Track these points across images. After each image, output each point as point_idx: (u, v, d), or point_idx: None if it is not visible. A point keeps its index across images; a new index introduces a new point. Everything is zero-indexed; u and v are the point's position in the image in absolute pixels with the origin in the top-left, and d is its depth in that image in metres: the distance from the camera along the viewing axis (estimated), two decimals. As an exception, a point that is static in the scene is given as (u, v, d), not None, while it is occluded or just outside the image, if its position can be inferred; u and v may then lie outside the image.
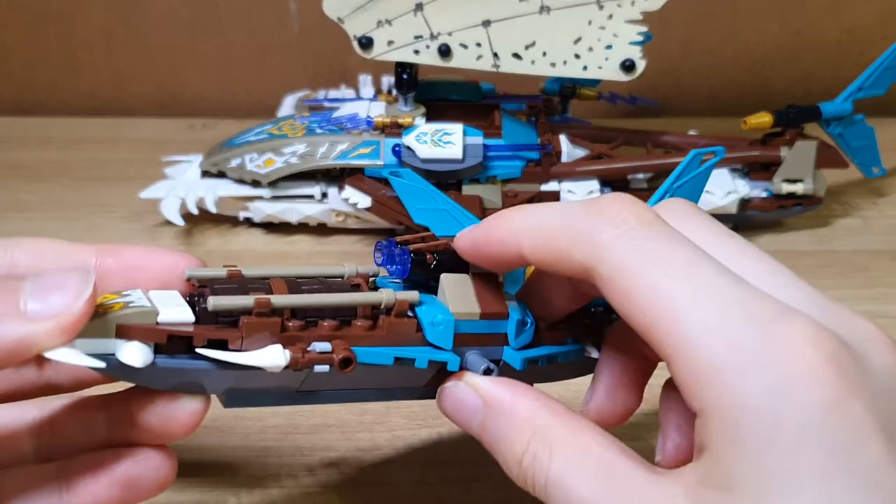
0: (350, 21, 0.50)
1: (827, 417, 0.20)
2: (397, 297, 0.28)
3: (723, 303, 0.22)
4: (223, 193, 0.55)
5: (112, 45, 0.75)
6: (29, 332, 0.22)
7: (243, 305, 0.26)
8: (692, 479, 0.22)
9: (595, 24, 0.49)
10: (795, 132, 0.55)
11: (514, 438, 0.25)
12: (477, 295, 0.29)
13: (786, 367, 0.21)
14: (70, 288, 0.23)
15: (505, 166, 0.53)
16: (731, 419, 0.21)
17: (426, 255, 0.29)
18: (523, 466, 0.25)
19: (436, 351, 0.29)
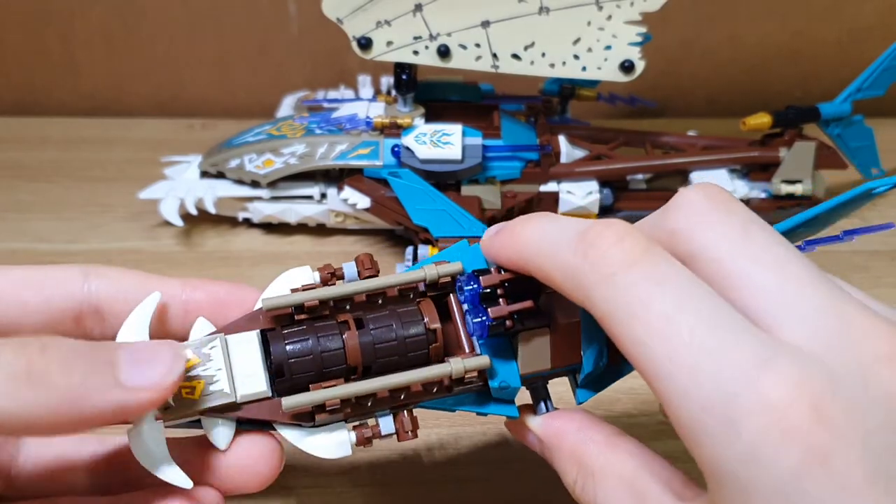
0: (349, 22, 0.50)
1: (801, 479, 0.19)
2: (466, 367, 0.28)
3: (698, 362, 0.21)
4: (222, 194, 0.55)
5: (111, 46, 0.75)
6: (125, 400, 0.24)
7: (317, 401, 0.27)
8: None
9: (594, 24, 0.50)
10: (794, 133, 0.55)
11: (566, 470, 0.28)
12: (553, 349, 0.29)
13: (758, 430, 0.20)
14: (162, 362, 0.25)
15: (504, 167, 0.53)
16: (714, 482, 0.21)
17: (506, 321, 0.28)
18: (577, 495, 0.27)
19: (502, 406, 0.30)
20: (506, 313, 0.28)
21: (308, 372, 0.27)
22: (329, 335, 0.28)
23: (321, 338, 0.28)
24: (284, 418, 0.27)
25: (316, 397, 0.27)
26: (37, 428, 0.23)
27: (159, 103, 0.77)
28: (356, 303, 0.29)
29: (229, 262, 0.54)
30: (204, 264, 0.54)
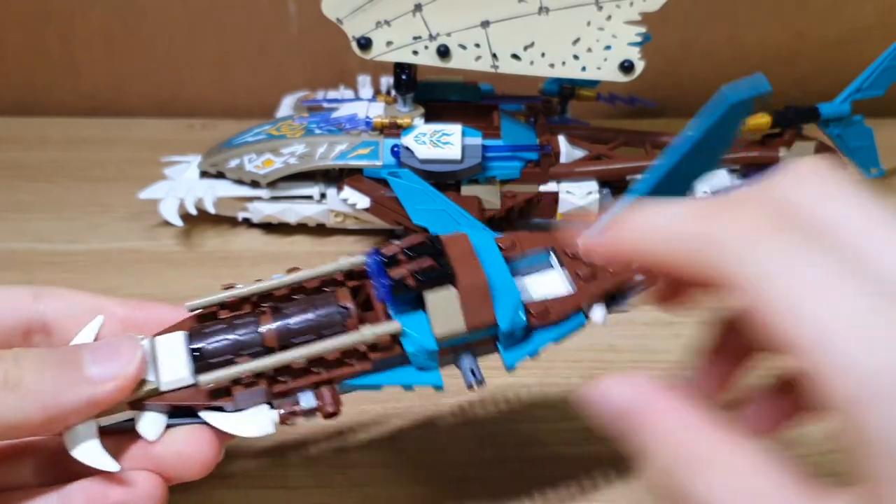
0: (349, 22, 0.50)
1: None
2: (378, 334, 0.29)
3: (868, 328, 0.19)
4: (222, 194, 0.55)
5: (111, 46, 0.76)
6: (94, 393, 0.27)
7: (231, 375, 0.28)
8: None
9: (594, 24, 0.50)
10: (794, 133, 0.55)
11: (658, 451, 0.24)
12: (464, 308, 0.29)
13: None
14: (123, 354, 0.27)
15: (504, 167, 0.53)
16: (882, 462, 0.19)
17: (405, 279, 0.29)
18: (662, 479, 0.23)
19: (423, 374, 0.30)
20: (405, 272, 0.29)
21: (227, 355, 0.29)
22: (246, 323, 0.29)
23: (238, 326, 0.29)
24: (206, 401, 0.29)
25: (230, 372, 0.28)
26: (19, 430, 0.26)
27: (159, 103, 0.78)
28: (277, 297, 0.31)
29: (229, 262, 0.54)
30: (204, 264, 0.54)
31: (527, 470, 0.38)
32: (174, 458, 0.29)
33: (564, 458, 0.38)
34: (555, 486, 0.37)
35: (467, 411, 0.41)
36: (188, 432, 0.29)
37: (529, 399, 0.31)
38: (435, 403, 0.41)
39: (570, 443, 0.39)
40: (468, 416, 0.41)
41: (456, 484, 0.37)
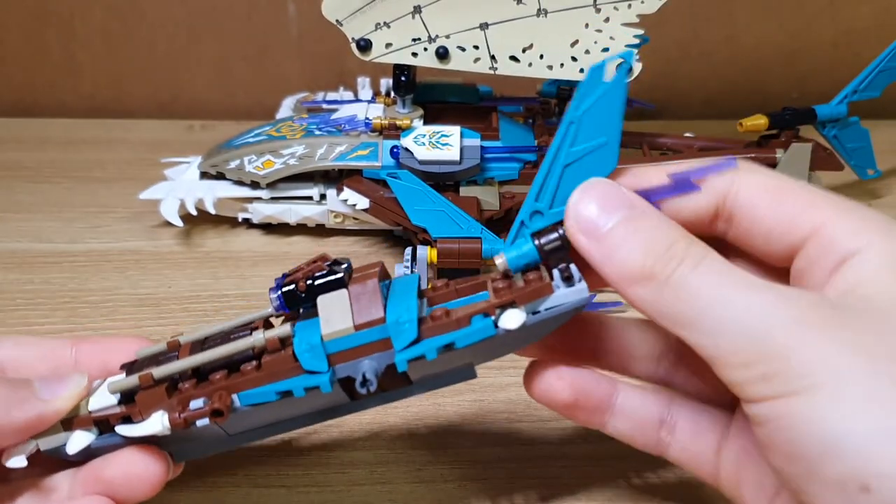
0: (348, 23, 0.50)
1: None
2: (266, 337, 0.30)
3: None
4: (222, 194, 0.55)
5: (111, 47, 0.76)
6: (43, 409, 0.30)
7: (133, 385, 0.30)
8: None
9: (592, 26, 0.50)
10: (791, 134, 0.55)
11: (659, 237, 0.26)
12: (353, 308, 0.29)
13: None
14: (70, 384, 0.31)
15: (502, 168, 0.53)
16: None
17: (298, 284, 0.30)
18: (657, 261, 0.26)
19: (310, 377, 0.30)
20: (298, 278, 0.30)
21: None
22: (170, 357, 0.32)
23: (162, 360, 0.31)
24: (119, 419, 0.31)
25: (134, 379, 0.30)
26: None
27: (159, 104, 0.78)
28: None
29: (229, 262, 0.54)
30: (204, 265, 0.54)
31: (527, 470, 0.38)
32: (123, 479, 0.31)
33: (564, 457, 0.38)
34: (555, 486, 0.37)
35: (467, 412, 0.41)
36: (134, 453, 0.31)
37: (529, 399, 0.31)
38: (434, 404, 0.42)
39: (569, 442, 0.39)
40: (467, 416, 0.41)
41: (455, 484, 0.37)
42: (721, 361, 0.24)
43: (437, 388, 0.32)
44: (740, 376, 0.24)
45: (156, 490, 0.31)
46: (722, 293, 0.25)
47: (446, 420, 0.41)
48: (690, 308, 0.25)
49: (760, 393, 0.24)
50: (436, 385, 0.32)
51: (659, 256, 0.26)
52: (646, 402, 0.31)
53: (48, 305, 0.49)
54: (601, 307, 0.46)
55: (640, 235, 0.26)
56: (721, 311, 0.24)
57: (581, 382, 0.30)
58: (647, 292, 0.26)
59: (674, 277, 0.25)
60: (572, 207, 0.28)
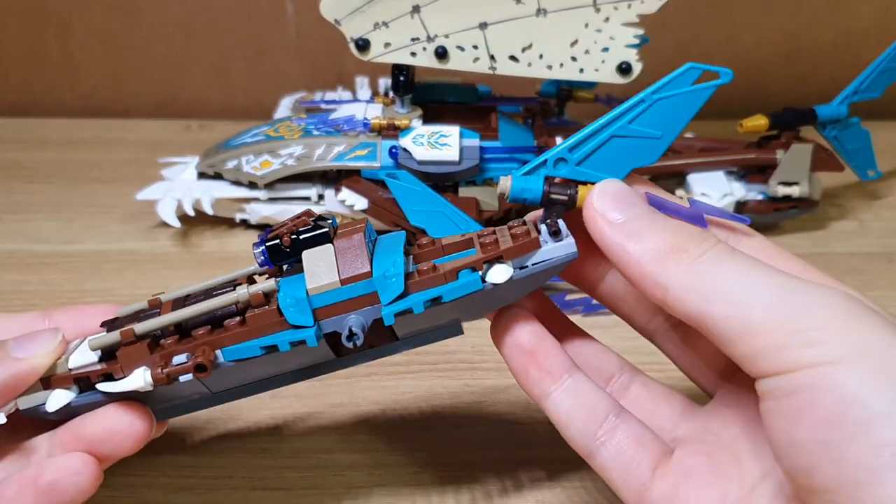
0: (347, 23, 0.50)
1: None
2: (250, 292, 0.29)
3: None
4: (220, 195, 0.55)
5: (109, 47, 0.76)
6: (18, 369, 0.30)
7: (114, 341, 0.30)
8: None
9: (591, 26, 0.50)
10: (791, 135, 0.55)
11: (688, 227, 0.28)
12: (339, 263, 0.29)
13: None
14: (43, 338, 0.31)
15: (502, 168, 0.53)
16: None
17: (282, 238, 0.30)
18: (690, 241, 0.27)
19: (295, 331, 0.29)
20: (282, 232, 0.30)
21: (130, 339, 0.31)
22: (151, 314, 0.31)
23: (143, 317, 0.31)
24: (100, 376, 0.31)
25: (115, 335, 0.30)
26: None
27: (157, 104, 0.78)
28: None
29: (227, 262, 0.54)
30: (201, 265, 0.54)
31: (526, 472, 0.38)
32: (105, 436, 0.30)
33: (563, 460, 0.38)
34: (554, 487, 0.37)
35: (466, 414, 0.41)
36: (115, 409, 0.30)
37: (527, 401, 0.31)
38: (433, 406, 0.41)
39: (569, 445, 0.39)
40: (466, 417, 0.41)
41: (454, 485, 0.37)
42: (750, 331, 0.25)
43: (423, 345, 0.31)
44: (774, 343, 0.24)
45: (139, 445, 0.30)
46: (756, 271, 0.26)
47: (445, 422, 0.40)
48: (724, 281, 0.26)
49: (798, 360, 0.24)
50: (422, 342, 0.31)
51: (691, 237, 0.27)
52: (598, 394, 0.30)
53: (46, 306, 0.49)
54: (573, 305, 0.46)
55: (667, 223, 0.28)
56: (755, 286, 0.25)
57: (547, 340, 0.30)
58: (678, 266, 0.26)
59: (707, 254, 0.26)
60: (596, 195, 0.28)
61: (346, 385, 0.43)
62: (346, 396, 0.42)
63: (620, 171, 0.30)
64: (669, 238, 0.27)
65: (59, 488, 0.28)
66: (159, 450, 0.38)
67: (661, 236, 0.27)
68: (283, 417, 0.41)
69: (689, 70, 0.28)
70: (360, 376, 0.43)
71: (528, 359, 0.30)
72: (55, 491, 0.28)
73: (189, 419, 0.40)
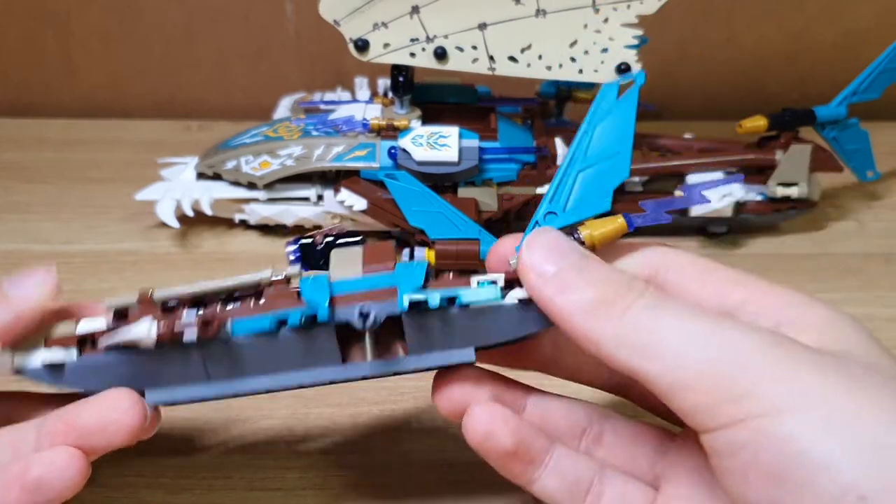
0: (346, 23, 0.50)
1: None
2: (274, 274, 0.30)
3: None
4: (219, 195, 0.55)
5: (108, 47, 0.75)
6: (16, 308, 0.29)
7: (129, 302, 0.30)
8: None
9: (591, 27, 0.50)
10: (790, 136, 0.55)
11: (616, 275, 0.27)
12: (365, 261, 0.30)
13: None
14: (38, 275, 0.30)
15: (501, 169, 0.53)
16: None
17: (315, 238, 0.30)
18: (616, 292, 0.26)
19: (308, 308, 0.29)
20: (317, 234, 0.31)
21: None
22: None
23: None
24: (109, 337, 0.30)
25: (132, 297, 0.30)
26: None
27: (156, 104, 0.78)
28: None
29: (226, 263, 0.54)
30: (200, 266, 0.54)
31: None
32: (97, 426, 0.29)
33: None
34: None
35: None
36: (108, 400, 0.29)
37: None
38: (433, 406, 0.41)
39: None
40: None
41: (454, 486, 0.37)
42: (684, 388, 0.24)
43: (431, 367, 0.31)
44: (708, 400, 0.24)
45: (130, 439, 0.29)
46: (684, 321, 0.25)
47: (445, 422, 0.40)
48: (652, 336, 0.25)
49: (733, 415, 0.23)
50: (431, 361, 0.30)
51: (618, 288, 0.26)
52: (578, 463, 0.30)
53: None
54: None
55: (596, 272, 0.27)
56: (686, 338, 0.25)
57: (524, 431, 0.29)
58: (607, 321, 0.26)
59: (636, 306, 0.26)
60: (526, 247, 0.28)
61: (346, 385, 0.43)
62: (346, 397, 0.42)
63: (605, 195, 0.31)
64: (597, 291, 0.26)
65: (45, 485, 0.28)
66: (158, 451, 0.38)
67: (589, 289, 0.27)
68: (282, 418, 0.41)
69: (606, 88, 0.29)
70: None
71: (508, 459, 0.30)
72: (41, 488, 0.28)
73: (188, 420, 0.40)
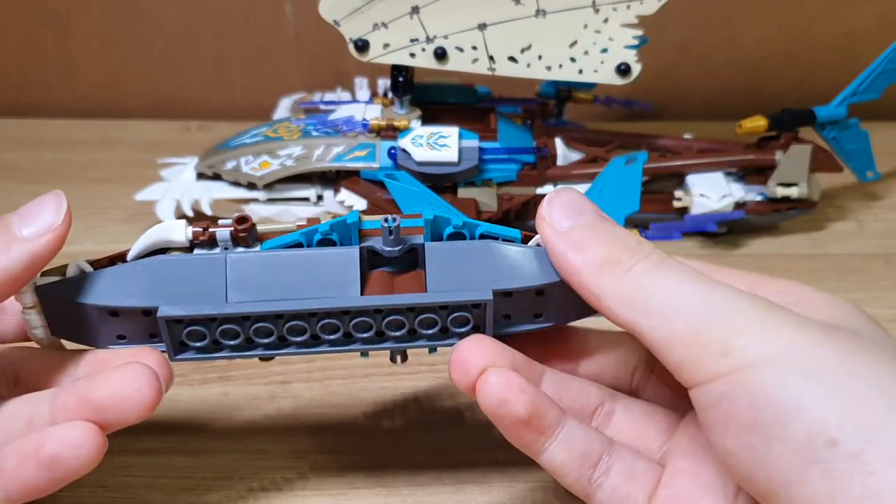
0: (346, 24, 0.50)
1: None
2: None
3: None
4: (218, 196, 0.55)
5: (108, 47, 0.75)
6: (31, 249, 0.28)
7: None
8: None
9: (591, 27, 0.50)
10: (790, 136, 0.55)
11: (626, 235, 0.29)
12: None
13: None
14: (49, 207, 0.29)
15: (500, 169, 0.53)
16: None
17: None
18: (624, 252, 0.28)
19: (337, 218, 0.31)
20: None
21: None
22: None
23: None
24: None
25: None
26: None
27: (156, 105, 0.77)
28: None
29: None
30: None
31: (525, 474, 0.38)
32: (113, 401, 0.28)
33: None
34: (554, 490, 0.37)
35: (466, 415, 0.41)
36: (125, 374, 0.29)
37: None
38: (433, 406, 0.41)
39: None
40: (465, 418, 0.41)
41: (454, 488, 0.37)
42: (673, 342, 0.26)
43: (448, 303, 0.30)
44: (694, 354, 0.25)
45: (147, 413, 0.28)
46: (680, 283, 0.27)
47: (444, 424, 0.40)
48: (649, 294, 0.27)
49: (715, 369, 0.25)
50: (448, 297, 0.30)
51: (626, 248, 0.28)
52: (589, 436, 0.30)
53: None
54: None
55: (608, 232, 0.29)
56: (678, 297, 0.26)
57: (539, 400, 0.29)
58: (611, 278, 0.28)
59: (637, 267, 0.27)
60: (546, 202, 0.30)
61: (346, 386, 0.43)
62: (346, 397, 0.42)
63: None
64: (606, 250, 0.28)
65: (60, 461, 0.27)
66: (158, 451, 0.38)
67: (600, 248, 0.28)
68: (282, 418, 0.41)
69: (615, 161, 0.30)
70: (359, 377, 0.43)
71: (521, 427, 0.29)
72: (57, 464, 0.27)
73: (189, 420, 0.40)
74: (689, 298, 0.26)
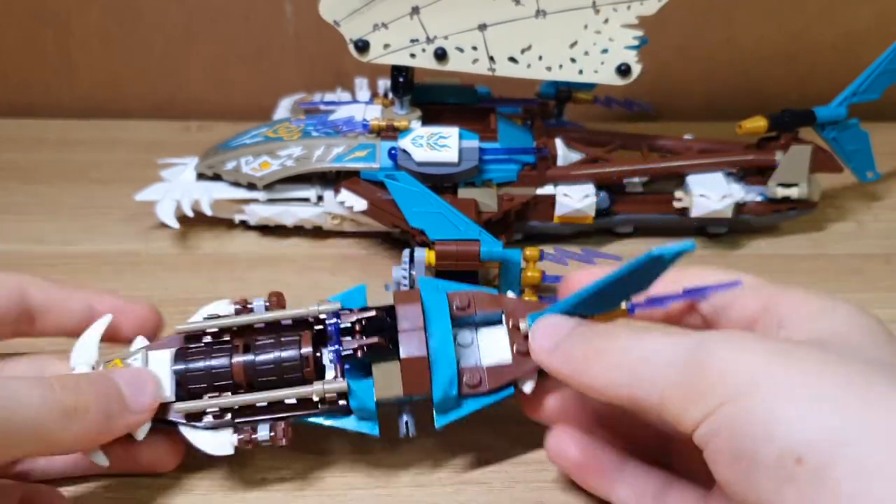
0: (346, 24, 0.50)
1: None
2: (326, 390, 0.34)
3: None
4: (218, 196, 0.55)
5: (108, 47, 0.75)
6: (135, 421, 0.34)
7: (201, 407, 0.35)
8: None
9: (591, 28, 0.50)
10: (790, 136, 0.55)
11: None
12: (403, 378, 0.34)
13: None
14: (150, 388, 0.34)
15: (501, 170, 0.53)
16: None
17: (357, 352, 0.34)
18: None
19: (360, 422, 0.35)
20: (355, 347, 0.34)
21: (201, 384, 0.35)
22: (221, 356, 0.35)
23: (214, 358, 0.35)
24: (181, 418, 0.35)
25: (199, 404, 0.34)
26: (74, 449, 0.33)
27: (156, 105, 0.77)
28: (254, 329, 0.37)
29: (225, 264, 0.54)
30: (200, 267, 0.53)
31: (526, 474, 0.38)
32: (150, 463, 0.36)
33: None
34: (554, 490, 0.37)
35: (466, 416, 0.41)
36: (166, 446, 0.36)
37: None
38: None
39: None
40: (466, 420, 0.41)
41: (454, 488, 0.37)
42: (661, 404, 0.28)
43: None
44: (683, 405, 0.27)
45: (172, 467, 0.37)
46: (656, 342, 0.29)
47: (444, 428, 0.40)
48: (630, 367, 0.29)
49: (699, 414, 0.26)
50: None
51: (597, 336, 0.31)
52: (649, 473, 0.34)
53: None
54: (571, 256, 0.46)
55: (582, 335, 0.32)
56: (659, 357, 0.28)
57: (591, 445, 0.35)
58: (597, 365, 0.30)
59: (614, 345, 0.30)
60: (531, 334, 0.34)
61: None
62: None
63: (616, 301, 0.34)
64: (584, 346, 0.31)
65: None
66: (158, 451, 0.38)
67: (580, 348, 0.31)
68: (282, 419, 0.41)
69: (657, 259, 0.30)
70: (359, 378, 0.43)
71: (582, 470, 0.35)
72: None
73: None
74: (666, 361, 0.28)
